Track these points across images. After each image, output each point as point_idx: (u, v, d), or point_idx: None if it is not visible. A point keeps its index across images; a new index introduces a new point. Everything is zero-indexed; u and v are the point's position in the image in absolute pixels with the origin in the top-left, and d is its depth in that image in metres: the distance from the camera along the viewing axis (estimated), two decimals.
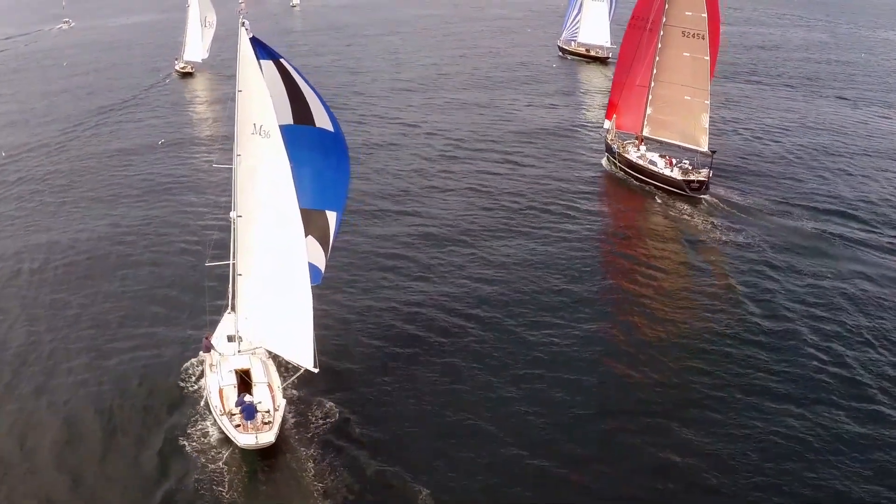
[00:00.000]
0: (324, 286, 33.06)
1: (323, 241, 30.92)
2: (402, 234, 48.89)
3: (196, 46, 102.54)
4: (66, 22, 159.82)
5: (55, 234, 48.90)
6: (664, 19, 56.35)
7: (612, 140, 62.33)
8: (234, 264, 30.40)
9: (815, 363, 34.85)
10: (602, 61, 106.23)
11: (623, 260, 46.91)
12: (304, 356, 28.33)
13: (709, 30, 54.43)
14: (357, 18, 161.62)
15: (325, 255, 31.37)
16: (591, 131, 72.73)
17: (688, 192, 55.18)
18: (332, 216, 30.62)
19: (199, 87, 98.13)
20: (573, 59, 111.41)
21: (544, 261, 45.11)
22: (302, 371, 29.33)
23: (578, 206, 53.98)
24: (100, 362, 34.25)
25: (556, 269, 44.13)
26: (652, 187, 57.56)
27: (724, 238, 48.57)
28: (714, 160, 55.70)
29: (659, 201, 55.58)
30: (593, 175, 61.41)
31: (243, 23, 27.14)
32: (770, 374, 34.10)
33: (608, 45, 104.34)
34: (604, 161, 63.54)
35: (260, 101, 27.13)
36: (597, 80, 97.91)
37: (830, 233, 48.63)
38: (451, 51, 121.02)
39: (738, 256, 45.98)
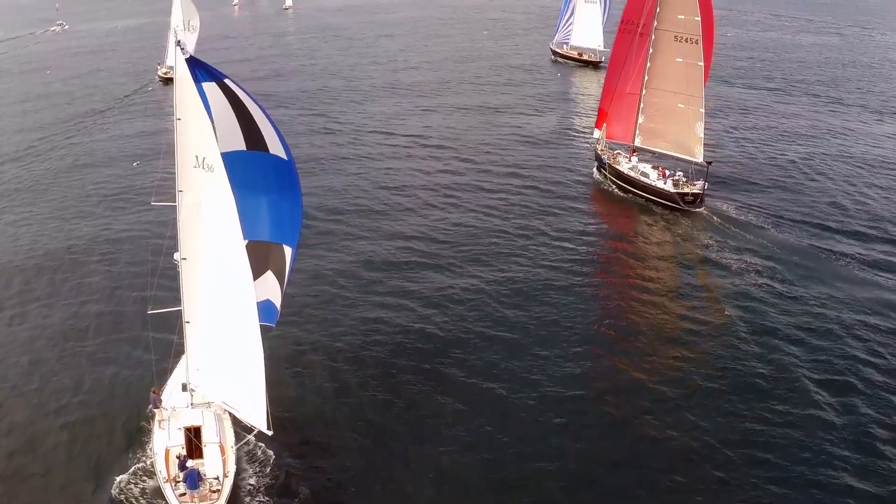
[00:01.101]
0: (286, 322, 30.15)
1: (280, 277, 27.95)
2: (372, 254, 45.86)
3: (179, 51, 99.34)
4: (60, 25, 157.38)
5: None
6: (655, 23, 53.27)
7: (602, 151, 59.24)
8: (182, 311, 27.12)
9: (815, 398, 31.84)
10: (595, 65, 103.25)
11: (611, 279, 43.80)
12: (256, 416, 25.22)
13: (703, 34, 51.35)
14: (350, 21, 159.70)
15: (282, 293, 28.34)
16: (581, 140, 69.69)
17: (682, 205, 52.08)
18: (288, 251, 27.65)
19: None
20: (565, 63, 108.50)
21: (527, 281, 41.98)
22: (257, 430, 26.08)
23: (566, 221, 50.76)
24: (35, 421, 30.85)
25: (540, 291, 40.98)
26: (644, 200, 54.44)
27: (718, 257, 45.37)
28: (709, 171, 52.61)
29: (651, 215, 52.44)
30: (582, 187, 58.24)
31: (178, 42, 23.67)
32: (765, 412, 31.03)
33: (601, 48, 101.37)
34: (594, 172, 60.41)
35: (200, 130, 23.87)
36: (589, 86, 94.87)
37: (832, 251, 45.43)
38: (442, 53, 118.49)
39: (733, 277, 42.77)
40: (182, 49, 23.63)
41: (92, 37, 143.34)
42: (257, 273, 27.14)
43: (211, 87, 24.74)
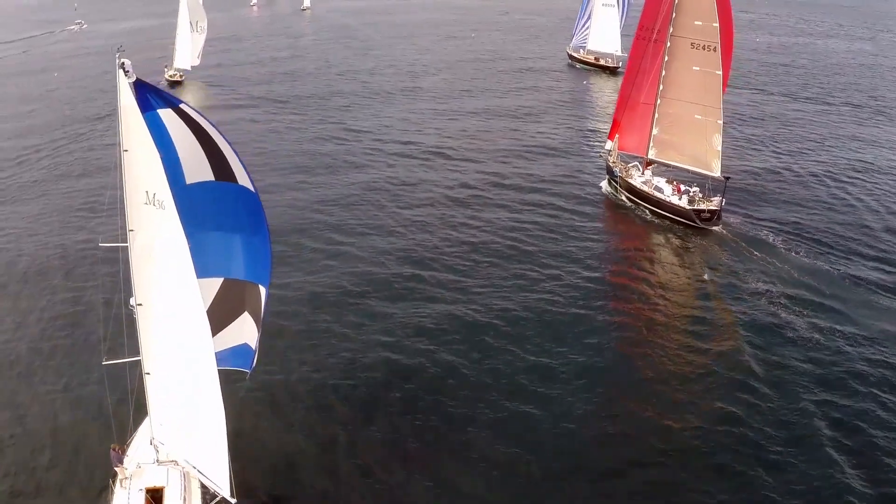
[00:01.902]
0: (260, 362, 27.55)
1: (256, 319, 25.46)
2: (372, 265, 43.45)
3: (186, 53, 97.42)
4: (78, 24, 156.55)
5: None
6: (671, 29, 50.23)
7: (613, 163, 56.20)
8: (141, 361, 24.50)
9: (827, 446, 28.91)
10: (612, 71, 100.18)
11: (618, 306, 40.44)
12: (219, 479, 22.78)
13: (721, 41, 48.24)
14: (366, 23, 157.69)
15: (258, 335, 25.74)
16: (593, 150, 66.67)
17: (697, 223, 49.03)
18: (262, 290, 25.18)
19: (187, 98, 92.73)
20: (582, 68, 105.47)
21: (529, 307, 39.12)
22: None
23: (571, 240, 47.75)
24: None
25: (542, 320, 38.06)
26: (657, 217, 51.41)
27: (734, 281, 42.23)
28: (727, 187, 49.53)
29: (664, 234, 49.42)
30: (592, 201, 55.11)
31: (122, 64, 20.70)
32: (774, 471, 28.09)
33: (618, 53, 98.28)
34: (604, 185, 57.42)
35: (150, 163, 21.27)
36: (604, 92, 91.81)
37: (856, 276, 42.33)
38: (458, 56, 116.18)
39: (749, 304, 39.66)
40: (126, 72, 20.85)
41: (105, 37, 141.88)
42: (234, 314, 24.99)
43: (168, 114, 22.13)
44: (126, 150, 21.44)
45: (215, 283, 24.59)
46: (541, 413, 30.82)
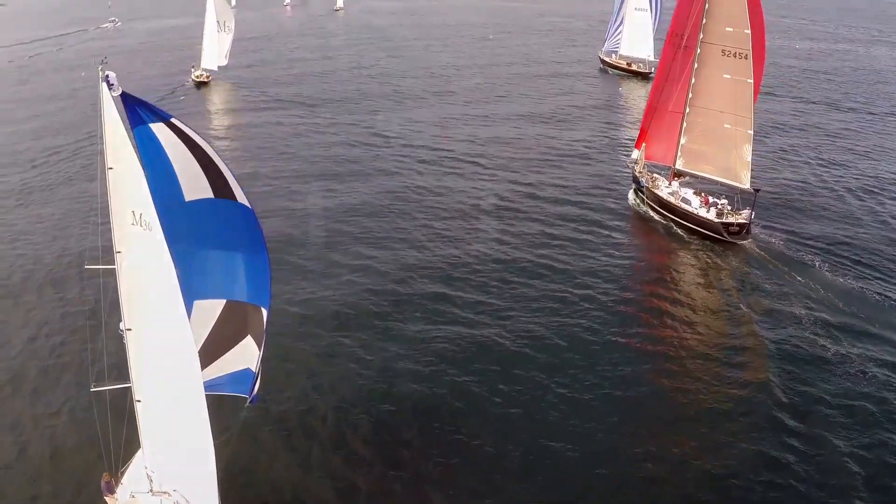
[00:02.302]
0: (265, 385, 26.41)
1: (259, 343, 24.38)
2: (396, 282, 42.11)
3: (213, 53, 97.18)
4: (112, 22, 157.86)
5: None
6: (701, 35, 48.41)
7: (640, 172, 54.43)
8: (131, 388, 23.51)
9: (850, 483, 26.96)
10: (644, 76, 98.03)
11: (648, 334, 37.92)
12: None
13: (753, 48, 46.31)
14: (400, 24, 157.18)
15: (260, 360, 24.59)
16: (620, 158, 64.76)
17: (725, 237, 47.15)
18: (264, 313, 24.12)
19: (213, 99, 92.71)
20: (614, 73, 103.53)
21: (556, 335, 37.05)
22: None
23: (593, 254, 46.08)
24: None
25: (571, 348, 36.03)
26: (684, 230, 49.59)
27: (766, 303, 40.11)
28: (757, 199, 47.61)
29: (690, 248, 47.61)
30: (616, 212, 53.36)
31: (107, 76, 19.38)
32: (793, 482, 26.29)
33: (651, 59, 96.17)
34: (630, 195, 55.68)
35: (136, 182, 20.25)
36: (635, 99, 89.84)
37: (891, 298, 40.08)
38: (490, 59, 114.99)
39: (777, 327, 37.70)
40: (111, 86, 19.71)
41: (138, 36, 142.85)
42: (236, 339, 24.04)
43: (161, 129, 21.14)
44: (111, 168, 20.42)
45: (217, 306, 23.62)
46: (572, 452, 28.67)
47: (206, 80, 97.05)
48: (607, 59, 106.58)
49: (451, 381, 33.00)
